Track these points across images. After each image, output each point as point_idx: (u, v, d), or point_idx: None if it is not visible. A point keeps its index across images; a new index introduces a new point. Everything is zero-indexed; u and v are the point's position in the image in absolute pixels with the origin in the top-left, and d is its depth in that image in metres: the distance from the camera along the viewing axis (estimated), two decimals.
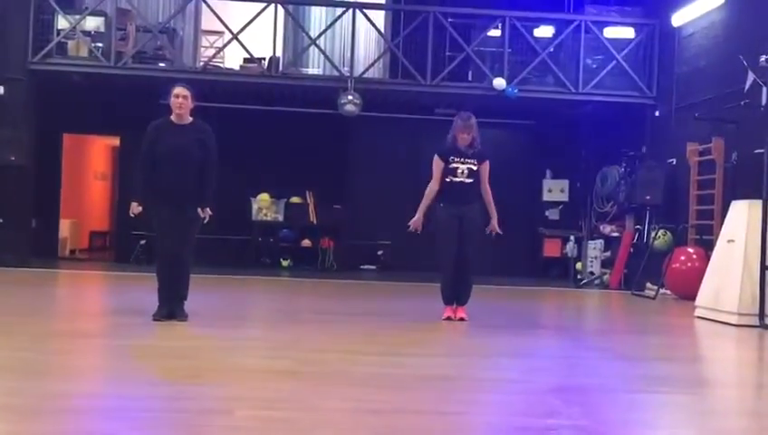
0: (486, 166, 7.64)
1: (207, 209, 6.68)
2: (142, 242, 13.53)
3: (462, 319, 7.54)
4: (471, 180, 7.54)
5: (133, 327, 6.47)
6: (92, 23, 12.81)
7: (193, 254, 6.78)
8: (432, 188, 7.61)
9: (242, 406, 3.95)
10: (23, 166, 12.40)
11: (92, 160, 18.39)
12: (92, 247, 17.50)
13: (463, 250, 7.53)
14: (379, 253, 14.83)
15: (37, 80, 12.59)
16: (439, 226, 7.60)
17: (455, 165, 7.51)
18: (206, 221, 6.72)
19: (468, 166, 7.52)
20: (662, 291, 11.30)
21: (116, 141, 15.75)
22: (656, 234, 11.94)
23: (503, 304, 9.92)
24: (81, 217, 16.39)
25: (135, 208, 6.67)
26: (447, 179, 7.52)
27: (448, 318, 7.57)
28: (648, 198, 12.41)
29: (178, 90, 6.72)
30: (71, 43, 12.70)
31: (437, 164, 7.58)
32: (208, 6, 12.76)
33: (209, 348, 5.71)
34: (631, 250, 12.90)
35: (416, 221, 7.62)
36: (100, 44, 12.69)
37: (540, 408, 4.26)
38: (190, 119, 6.77)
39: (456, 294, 7.63)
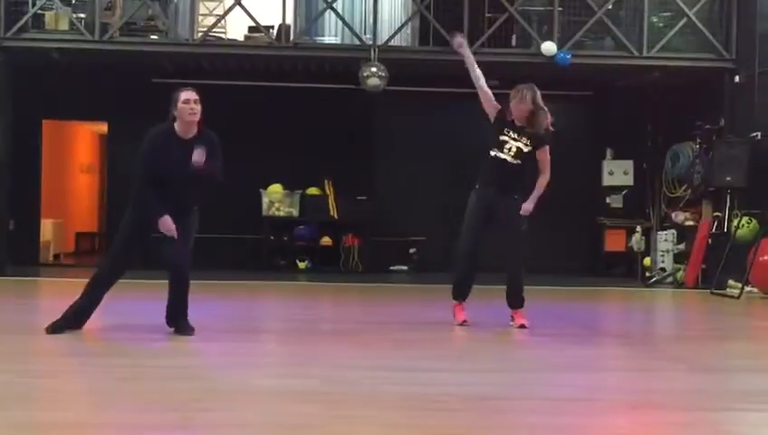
0: (545, 153, 7.63)
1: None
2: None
3: (523, 326, 7.54)
4: (518, 162, 7.52)
5: (128, 344, 6.50)
6: None
7: (190, 260, 6.79)
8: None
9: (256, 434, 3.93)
10: None
11: (77, 150, 18.53)
12: (79, 251, 17.64)
13: (505, 247, 7.55)
14: (412, 251, 14.79)
15: (10, 58, 12.67)
16: (468, 211, 7.62)
17: (505, 138, 7.51)
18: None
19: (519, 145, 7.50)
20: (747, 289, 11.19)
21: (103, 128, 15.84)
22: (738, 222, 11.80)
23: (559, 309, 9.86)
24: (65, 217, 16.53)
25: (169, 225, 6.58)
26: (492, 153, 7.52)
27: (464, 322, 7.61)
28: (728, 179, 12.27)
29: (188, 94, 6.63)
30: (48, 15, 12.76)
31: (494, 104, 7.65)
32: None
33: (217, 366, 5.72)
34: (709, 242, 12.76)
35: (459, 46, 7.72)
36: (82, 15, 12.73)
37: (609, 432, 4.20)
38: (195, 130, 6.74)
39: (507, 299, 7.67)
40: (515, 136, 7.51)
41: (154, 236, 6.74)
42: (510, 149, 7.49)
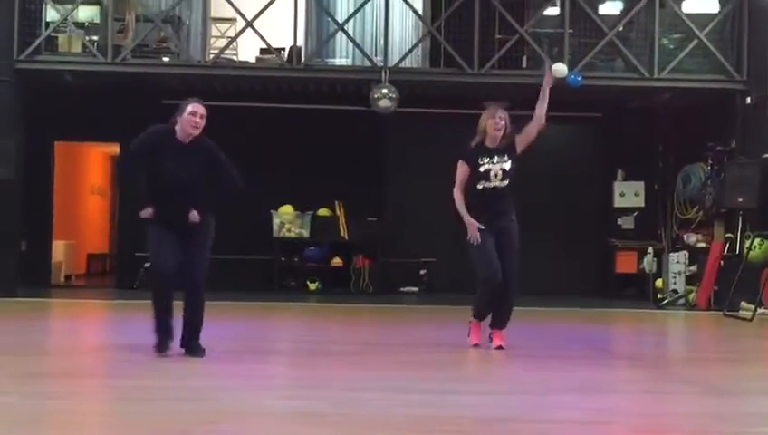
0: (521, 139, 7.54)
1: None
2: (147, 265, 13.58)
3: (500, 347, 7.46)
4: (506, 183, 7.47)
5: (138, 365, 6.47)
6: (86, 13, 12.97)
7: (206, 279, 6.77)
8: (457, 195, 7.54)
9: None
10: (9, 180, 12.54)
11: (88, 172, 18.60)
12: (90, 272, 17.67)
13: (503, 268, 7.44)
14: (422, 272, 14.76)
15: (24, 80, 12.74)
16: (473, 243, 7.50)
17: (486, 167, 7.44)
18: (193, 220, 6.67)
19: (502, 166, 7.44)
20: (760, 311, 11.12)
21: (115, 149, 15.87)
22: (750, 243, 11.74)
23: (570, 330, 9.80)
24: (76, 238, 16.56)
25: (146, 212, 6.63)
26: (479, 186, 7.45)
27: (476, 345, 7.54)
28: (740, 200, 12.24)
29: (196, 106, 6.67)
30: (61, 37, 12.85)
31: (462, 168, 7.53)
32: None
33: (227, 388, 5.68)
34: (721, 263, 12.70)
35: (473, 231, 7.45)
36: (95, 38, 12.83)
37: None
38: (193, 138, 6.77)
39: (493, 318, 7.60)
40: (495, 160, 7.44)
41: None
42: (496, 175, 7.42)
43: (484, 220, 7.46)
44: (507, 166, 7.44)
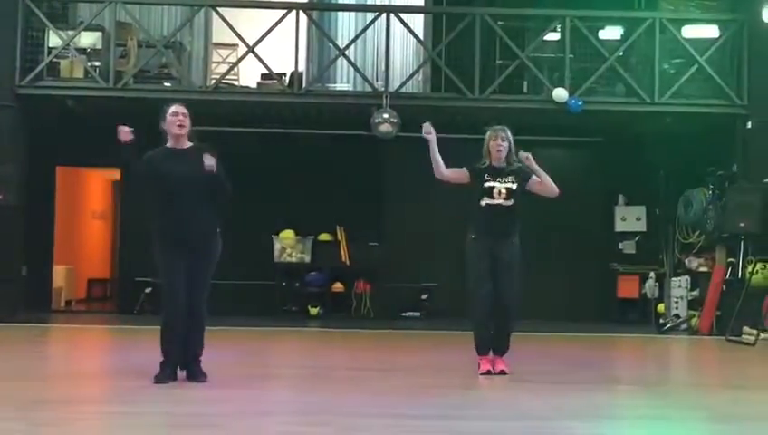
0: (539, 181, 7.59)
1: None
2: (147, 290, 13.61)
3: (503, 372, 7.47)
4: (510, 202, 7.51)
5: (140, 391, 6.45)
6: (88, 39, 13.02)
7: (207, 303, 6.78)
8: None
9: None
10: (11, 205, 12.56)
11: (90, 197, 18.61)
12: (91, 297, 17.64)
13: (501, 292, 7.46)
14: (424, 297, 14.75)
15: (26, 106, 12.80)
16: (470, 262, 7.57)
17: (490, 184, 7.50)
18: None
19: (507, 185, 7.49)
20: (763, 336, 11.10)
21: (116, 174, 15.92)
22: (753, 268, 11.75)
23: (571, 355, 9.78)
24: (77, 263, 16.54)
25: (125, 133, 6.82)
26: (483, 203, 7.50)
27: (488, 372, 7.50)
28: (741, 225, 12.25)
29: (177, 107, 6.84)
30: (63, 63, 12.92)
31: (462, 172, 7.64)
32: (219, 16, 12.91)
33: (230, 414, 5.66)
34: (724, 288, 12.68)
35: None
36: (97, 63, 12.88)
37: None
38: (189, 143, 6.83)
39: (493, 343, 7.59)
40: (499, 178, 7.51)
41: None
42: (500, 193, 7.48)
43: (484, 241, 7.48)
44: (513, 186, 7.49)
